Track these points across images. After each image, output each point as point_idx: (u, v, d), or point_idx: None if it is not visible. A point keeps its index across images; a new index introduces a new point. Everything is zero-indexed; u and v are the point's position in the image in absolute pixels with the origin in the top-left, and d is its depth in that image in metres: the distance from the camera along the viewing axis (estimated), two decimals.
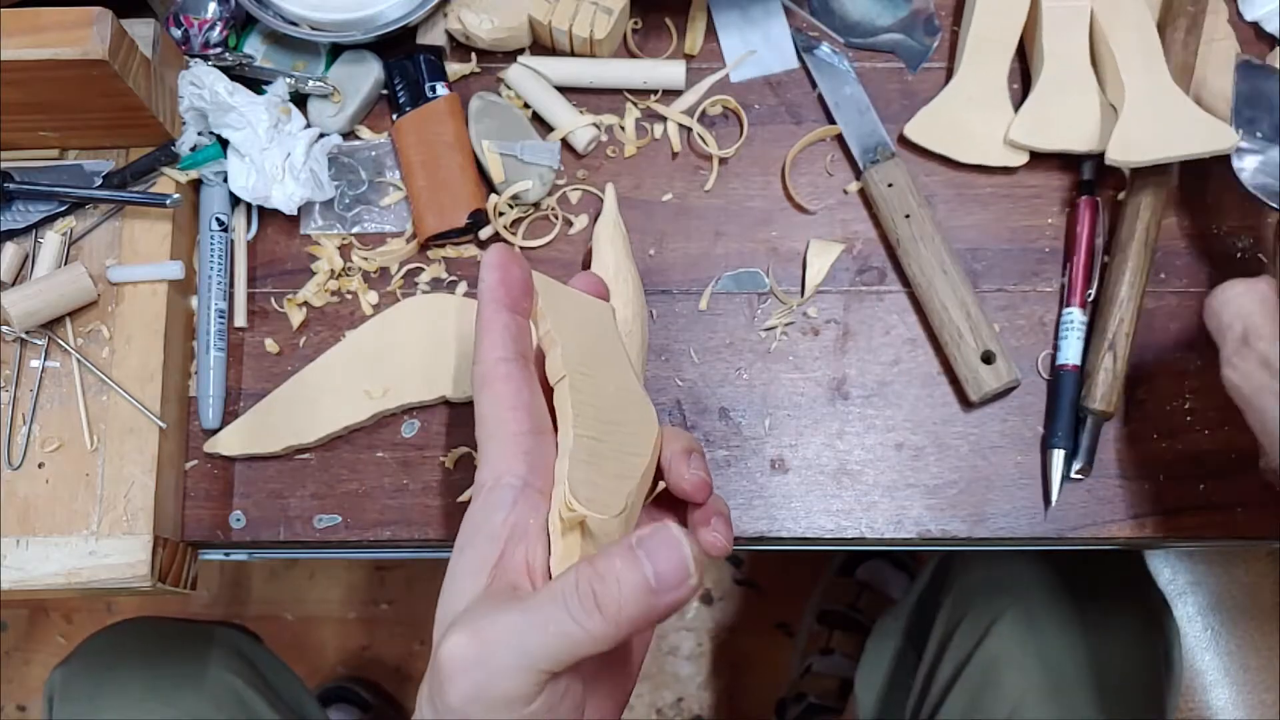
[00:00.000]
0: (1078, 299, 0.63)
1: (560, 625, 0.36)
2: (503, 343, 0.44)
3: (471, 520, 0.41)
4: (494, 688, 0.36)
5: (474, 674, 0.36)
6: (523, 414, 0.43)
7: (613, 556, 0.37)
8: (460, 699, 0.37)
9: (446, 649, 0.37)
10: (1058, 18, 0.65)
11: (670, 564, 0.36)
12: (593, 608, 0.36)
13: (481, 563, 0.40)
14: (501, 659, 0.36)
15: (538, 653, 0.36)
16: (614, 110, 0.67)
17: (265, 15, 0.65)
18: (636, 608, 0.36)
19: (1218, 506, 0.61)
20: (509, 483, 0.41)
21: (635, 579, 0.36)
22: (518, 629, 0.37)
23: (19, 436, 0.60)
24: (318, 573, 1.44)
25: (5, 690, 1.41)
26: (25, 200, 0.62)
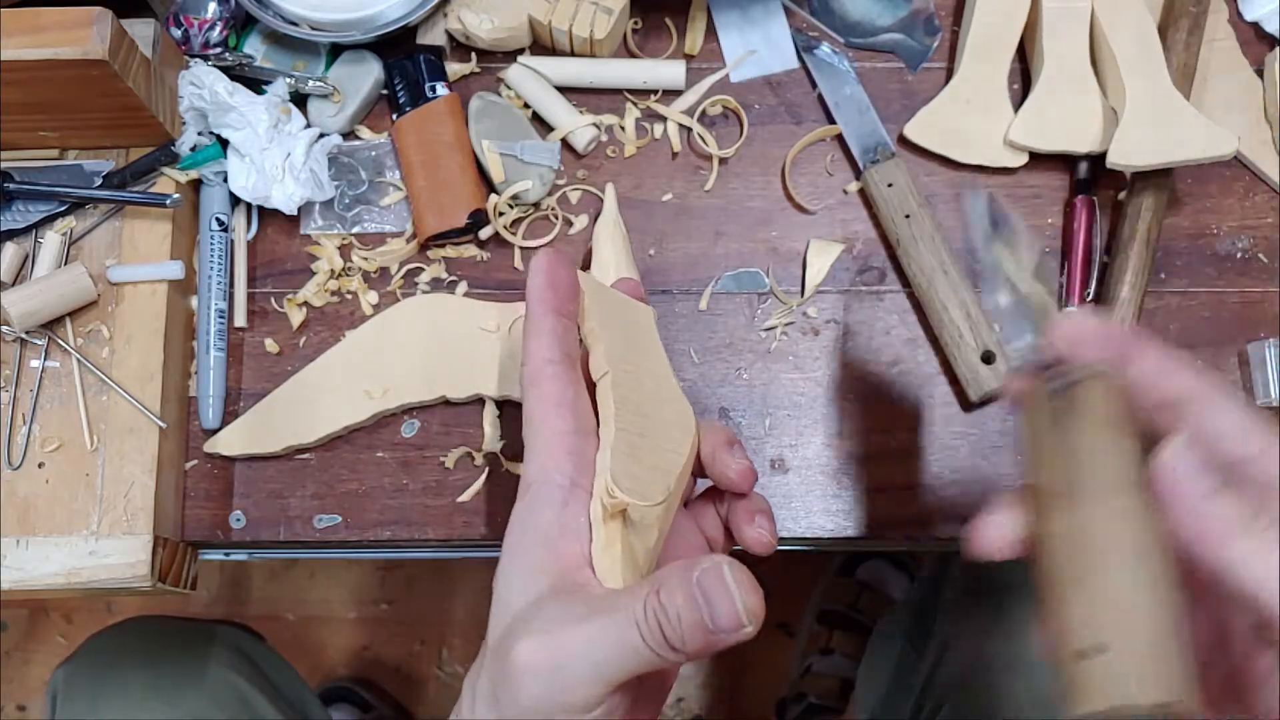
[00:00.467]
0: (1076, 298, 0.63)
1: (633, 645, 0.38)
2: (549, 344, 0.44)
3: (520, 520, 0.42)
4: (565, 695, 0.38)
5: (548, 680, 0.38)
6: (568, 412, 0.43)
7: (674, 592, 0.38)
8: (532, 701, 0.38)
9: (521, 653, 0.38)
10: (1058, 18, 0.65)
11: (726, 613, 0.38)
12: (659, 634, 0.38)
13: (536, 564, 0.40)
14: (576, 670, 0.38)
15: (608, 667, 0.38)
16: (614, 110, 0.67)
17: (265, 15, 0.65)
18: (698, 643, 0.38)
19: None
20: (557, 481, 0.42)
21: (694, 619, 0.38)
22: (592, 641, 0.38)
23: (19, 436, 0.60)
24: (318, 573, 1.44)
25: (5, 690, 1.41)
26: (25, 200, 0.62)
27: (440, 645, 1.42)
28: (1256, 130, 0.66)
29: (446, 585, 1.43)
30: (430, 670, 1.41)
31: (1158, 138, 0.61)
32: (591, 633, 0.38)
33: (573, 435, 0.43)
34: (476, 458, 0.62)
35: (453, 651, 1.41)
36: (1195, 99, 0.65)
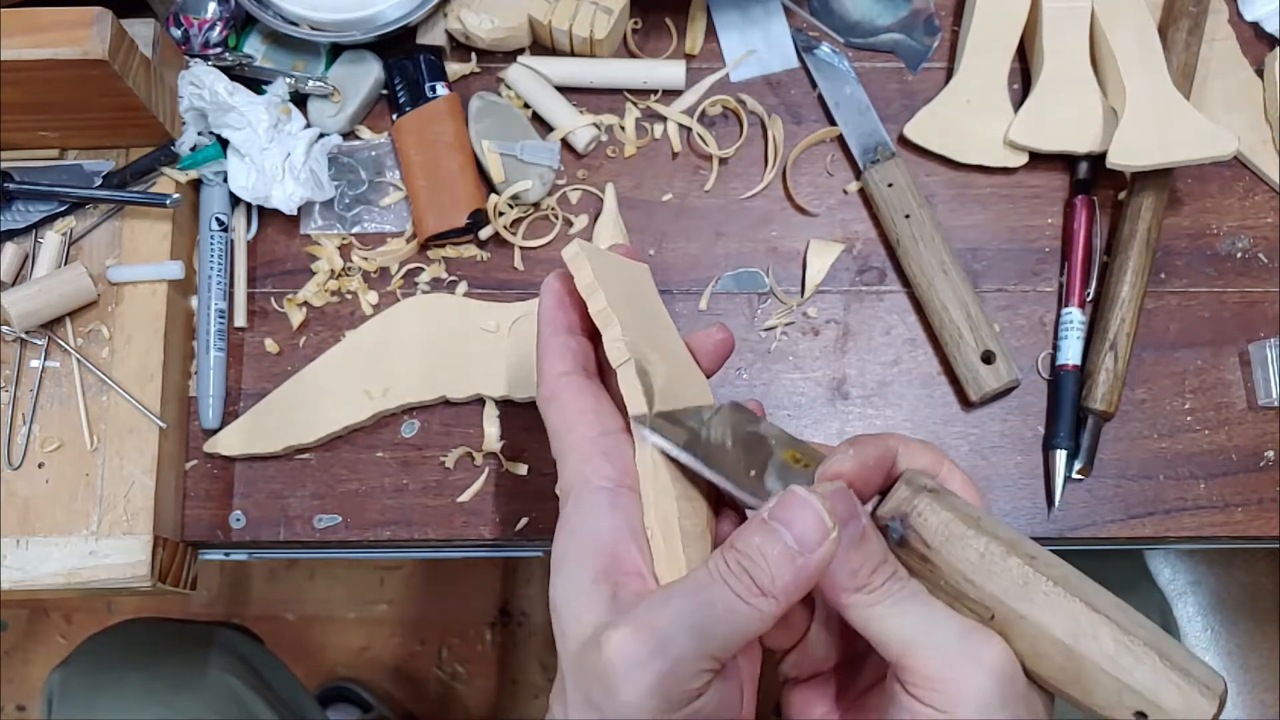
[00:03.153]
0: (1076, 298, 0.63)
1: (727, 603, 0.36)
2: (562, 358, 0.43)
3: (567, 529, 0.40)
4: (674, 677, 0.35)
5: (653, 665, 0.35)
6: (592, 418, 0.42)
7: (749, 534, 0.37)
8: (638, 695, 0.35)
9: (615, 646, 0.36)
10: (1058, 18, 0.65)
11: (806, 524, 0.37)
12: (749, 580, 0.36)
13: (594, 574, 0.39)
14: (679, 643, 0.35)
15: (711, 634, 0.36)
16: (614, 110, 0.67)
17: (265, 15, 0.65)
18: (788, 575, 0.36)
19: (1218, 506, 0.61)
20: (600, 485, 0.41)
21: (779, 548, 0.36)
22: (687, 612, 0.36)
23: (19, 436, 0.60)
24: (318, 573, 1.44)
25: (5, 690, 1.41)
26: (25, 200, 0.62)
27: (440, 645, 1.42)
28: (1256, 130, 0.66)
29: (446, 585, 1.43)
30: (430, 670, 1.41)
31: (1158, 138, 0.61)
32: (681, 605, 0.36)
33: (603, 438, 0.42)
34: (476, 458, 0.62)
35: (453, 651, 1.41)
36: (1195, 99, 0.65)
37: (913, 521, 0.39)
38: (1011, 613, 0.37)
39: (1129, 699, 0.36)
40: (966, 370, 0.61)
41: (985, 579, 0.38)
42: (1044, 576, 0.38)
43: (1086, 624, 0.37)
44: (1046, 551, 0.39)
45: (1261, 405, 0.62)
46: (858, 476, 0.39)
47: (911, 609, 0.37)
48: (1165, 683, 0.36)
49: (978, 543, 0.38)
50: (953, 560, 0.38)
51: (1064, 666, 0.37)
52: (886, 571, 0.38)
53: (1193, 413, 0.63)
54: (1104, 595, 0.38)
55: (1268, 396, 0.62)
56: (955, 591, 0.38)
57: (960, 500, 0.40)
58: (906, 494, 0.40)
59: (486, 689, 1.40)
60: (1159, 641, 0.37)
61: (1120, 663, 0.36)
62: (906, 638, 0.37)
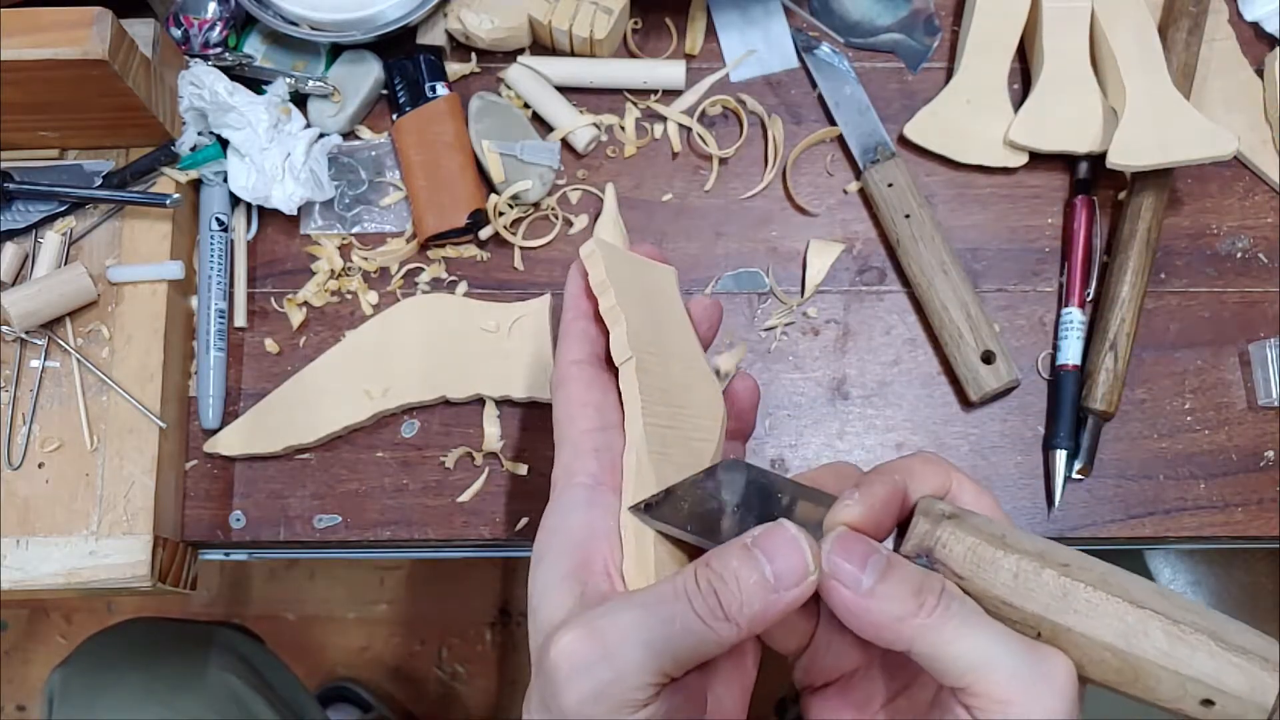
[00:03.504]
0: (1076, 298, 0.63)
1: (686, 622, 0.35)
2: (579, 346, 0.43)
3: (547, 525, 0.41)
4: (616, 687, 0.35)
5: (596, 672, 0.35)
6: (592, 411, 0.42)
7: (729, 556, 0.36)
8: (579, 699, 0.35)
9: (561, 648, 0.35)
10: (1058, 18, 0.65)
11: (789, 562, 0.36)
12: (715, 602, 0.35)
13: (565, 571, 0.39)
14: (625, 655, 0.35)
15: (662, 649, 0.35)
16: (614, 110, 0.67)
17: (265, 15, 0.65)
18: (757, 606, 0.35)
19: (1218, 506, 0.61)
20: (581, 482, 0.40)
21: (754, 578, 0.36)
22: (641, 624, 0.35)
23: (19, 436, 0.60)
24: (318, 573, 1.44)
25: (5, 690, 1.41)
26: (25, 200, 0.62)
27: (440, 645, 1.42)
28: (1256, 130, 0.66)
29: (446, 585, 1.43)
30: (430, 670, 1.41)
31: (1158, 138, 0.61)
32: (637, 614, 0.35)
33: (597, 433, 0.41)
34: (476, 458, 0.62)
35: (452, 651, 1.41)
36: (1195, 99, 0.65)
37: (938, 554, 0.38)
38: (1057, 627, 0.36)
39: (1193, 689, 0.35)
40: (966, 370, 0.61)
41: (1023, 599, 0.37)
42: (1082, 583, 0.37)
43: (1135, 622, 0.36)
44: (1078, 554, 0.38)
45: (1261, 405, 0.62)
46: (867, 521, 0.38)
47: (977, 629, 0.36)
48: (1226, 666, 0.35)
49: (1009, 562, 0.37)
50: (986, 585, 0.37)
51: (1120, 669, 0.36)
52: (935, 590, 0.36)
53: (1193, 413, 0.63)
54: (1145, 587, 0.37)
55: (1268, 396, 0.62)
56: (996, 615, 0.37)
57: (981, 519, 0.39)
58: (926, 527, 0.38)
59: (486, 689, 1.40)
60: (1210, 623, 0.36)
61: (1176, 655, 0.35)
62: (977, 660, 0.35)
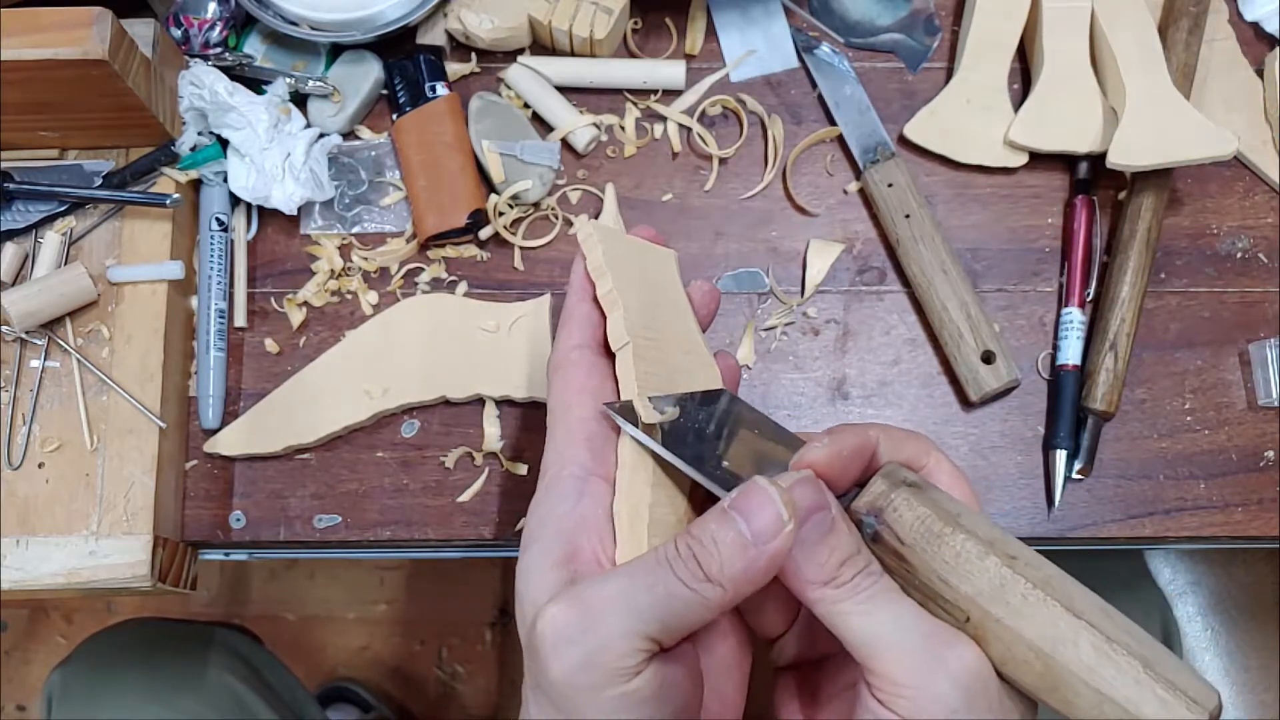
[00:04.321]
0: (1076, 298, 0.63)
1: (668, 586, 0.35)
2: (580, 331, 0.43)
3: (536, 513, 0.40)
4: (603, 653, 0.35)
5: (581, 642, 0.35)
6: (588, 399, 0.42)
7: (706, 521, 0.36)
8: (565, 670, 0.35)
9: (546, 619, 0.35)
10: (1058, 18, 0.65)
11: (763, 516, 0.36)
12: (695, 565, 0.35)
13: (553, 559, 0.39)
14: (610, 623, 0.35)
15: (647, 614, 0.35)
16: (614, 110, 0.67)
17: (265, 15, 0.65)
18: (739, 564, 0.35)
19: (1218, 506, 0.61)
20: (572, 473, 0.40)
21: (731, 536, 0.36)
22: (624, 591, 0.35)
23: (19, 436, 0.60)
24: (318, 573, 1.44)
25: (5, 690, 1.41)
26: (25, 200, 0.62)
27: (440, 645, 1.42)
28: (1256, 130, 0.66)
29: (446, 585, 1.43)
30: (430, 670, 1.41)
31: (1158, 138, 0.61)
32: (621, 583, 0.36)
33: (591, 422, 0.41)
34: (476, 458, 0.62)
35: (453, 651, 1.41)
36: (1195, 99, 0.65)
37: (887, 517, 0.37)
38: (987, 615, 0.36)
39: (1110, 710, 0.34)
40: (966, 370, 0.61)
41: (960, 579, 0.36)
42: (1023, 578, 0.36)
43: (1066, 630, 0.35)
44: (1031, 552, 0.37)
45: (1261, 405, 0.62)
46: (832, 467, 0.38)
47: (880, 608, 0.36)
48: (1149, 695, 0.34)
49: (954, 541, 0.37)
50: (927, 559, 0.37)
51: (1042, 674, 0.35)
52: (856, 566, 0.37)
53: (1193, 413, 0.63)
54: (1089, 599, 0.36)
55: (1268, 396, 0.62)
56: (930, 592, 0.37)
57: (943, 495, 0.38)
58: (883, 488, 0.38)
59: (486, 689, 1.40)
60: (1146, 650, 0.35)
61: (1100, 673, 0.35)
62: (872, 638, 0.36)
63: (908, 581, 0.37)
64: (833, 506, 0.37)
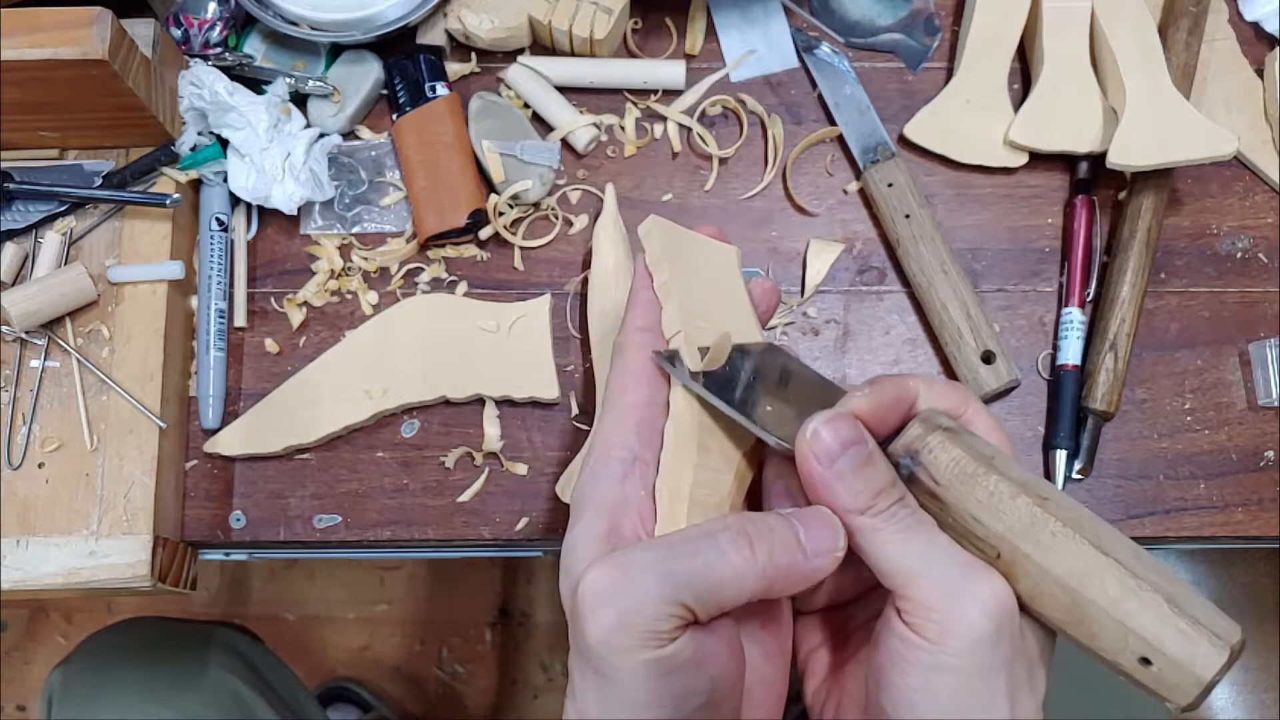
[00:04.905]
0: (1076, 298, 0.63)
1: (707, 556, 0.36)
2: (646, 313, 0.44)
3: (581, 491, 0.41)
4: (637, 614, 0.35)
5: (617, 602, 0.35)
6: (643, 384, 0.42)
7: (765, 515, 0.38)
8: (602, 631, 0.35)
9: (587, 582, 0.36)
10: (1058, 18, 0.65)
11: (823, 536, 0.37)
12: (745, 544, 0.36)
13: (596, 533, 0.39)
14: (645, 584, 0.35)
15: (682, 580, 0.36)
16: (614, 110, 0.67)
17: (265, 15, 0.65)
18: (785, 557, 0.37)
19: (1218, 506, 0.61)
20: (619, 455, 0.41)
21: (788, 533, 0.37)
22: (661, 557, 0.36)
23: (19, 436, 0.60)
24: (318, 573, 1.44)
25: (5, 690, 1.41)
26: (25, 200, 0.62)
27: (440, 645, 1.42)
28: (1256, 130, 0.66)
29: (446, 585, 1.43)
30: (430, 670, 1.41)
31: (1158, 138, 0.61)
32: (660, 550, 0.36)
33: (644, 406, 0.42)
34: (476, 458, 0.62)
35: (453, 651, 1.41)
36: (1195, 99, 0.65)
37: (923, 458, 0.39)
38: (1017, 552, 0.37)
39: (1134, 644, 0.36)
40: (966, 370, 0.61)
41: (992, 518, 0.37)
42: (1053, 517, 0.37)
43: (1093, 566, 0.36)
44: (1063, 494, 0.38)
45: (1261, 405, 0.62)
46: (872, 415, 0.40)
47: (915, 538, 0.37)
48: (1171, 629, 0.35)
49: (987, 481, 0.38)
50: (960, 498, 0.38)
51: (1068, 608, 0.37)
52: (891, 497, 0.38)
53: (1193, 413, 0.63)
54: (1119, 540, 0.37)
55: (1268, 396, 0.62)
56: (963, 530, 0.38)
57: (978, 440, 0.39)
58: (919, 431, 0.39)
59: (486, 689, 1.40)
60: (1172, 588, 0.36)
61: (1124, 607, 0.36)
62: (907, 567, 0.37)
63: (941, 520, 0.39)
64: (869, 443, 0.38)
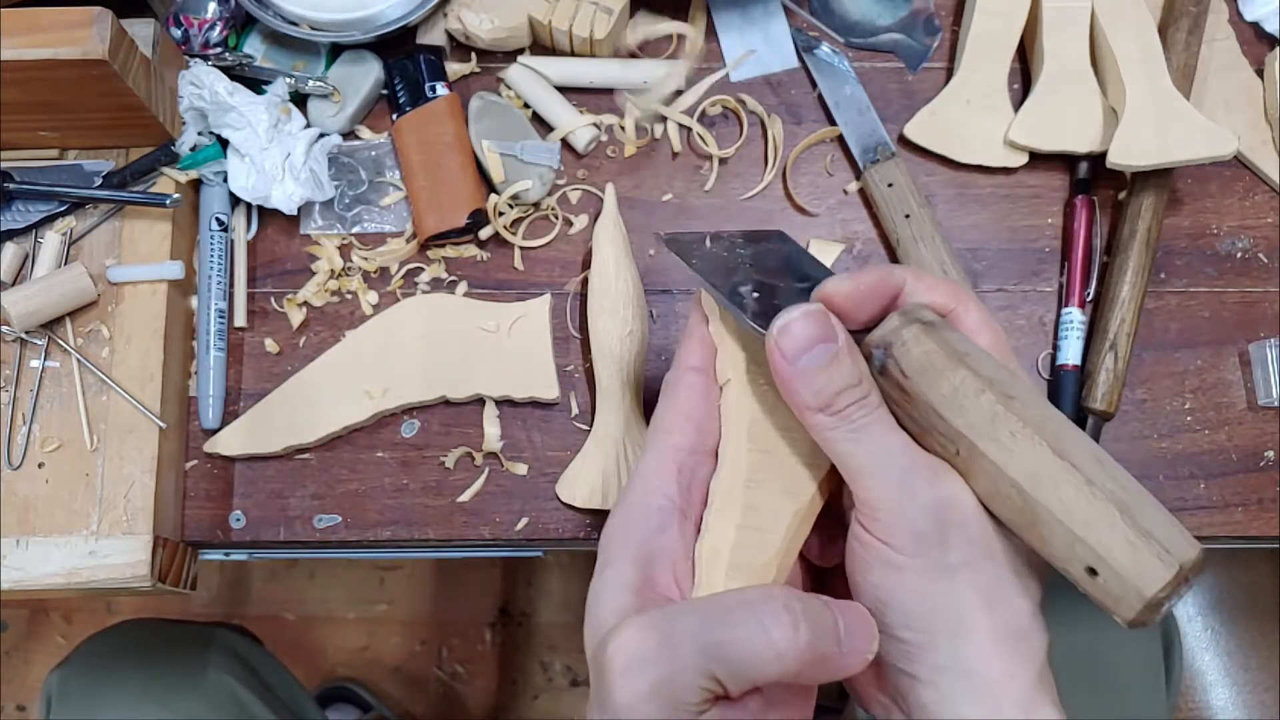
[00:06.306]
0: (1076, 299, 0.63)
1: (748, 630, 0.34)
2: (700, 352, 0.43)
3: (615, 535, 0.40)
4: (670, 686, 0.34)
5: (652, 670, 0.34)
6: (691, 428, 0.41)
7: (811, 597, 0.36)
8: (631, 697, 0.34)
9: (619, 643, 0.35)
10: (1058, 18, 0.65)
11: (860, 631, 0.37)
12: (789, 623, 0.35)
13: (626, 582, 0.38)
14: (682, 654, 0.34)
15: (717, 654, 0.34)
16: (614, 110, 0.67)
17: (265, 15, 0.65)
18: (823, 647, 0.35)
19: (1218, 506, 0.61)
20: (658, 503, 0.40)
21: (829, 622, 0.36)
22: (703, 625, 0.35)
23: (19, 436, 0.60)
24: (318, 573, 1.44)
25: (5, 690, 1.41)
26: (25, 200, 0.62)
27: (440, 645, 1.42)
28: (1256, 130, 0.66)
29: (446, 585, 1.43)
30: (430, 670, 1.41)
31: (1158, 138, 0.61)
32: (699, 618, 0.35)
33: (687, 453, 0.41)
34: (476, 458, 0.62)
35: (453, 651, 1.41)
36: (1195, 99, 0.65)
37: (895, 351, 0.38)
38: (974, 449, 0.36)
39: (1081, 552, 0.35)
40: None
41: (954, 414, 0.37)
42: (1015, 416, 0.36)
43: (1048, 468, 0.35)
44: (1036, 396, 0.37)
45: (1261, 405, 0.62)
46: (849, 299, 0.39)
47: (869, 438, 0.37)
48: (1120, 540, 0.34)
49: (954, 376, 0.37)
50: (926, 392, 0.37)
51: (1020, 510, 0.36)
52: (851, 397, 0.37)
53: (1193, 413, 0.63)
54: (1083, 444, 0.36)
55: (1268, 396, 0.62)
56: (927, 424, 0.38)
57: (956, 336, 0.38)
58: (896, 324, 0.39)
59: (486, 689, 1.40)
60: (1129, 498, 0.35)
61: (1075, 513, 0.35)
62: (856, 465, 0.37)
63: (907, 414, 0.38)
64: (840, 338, 0.38)
